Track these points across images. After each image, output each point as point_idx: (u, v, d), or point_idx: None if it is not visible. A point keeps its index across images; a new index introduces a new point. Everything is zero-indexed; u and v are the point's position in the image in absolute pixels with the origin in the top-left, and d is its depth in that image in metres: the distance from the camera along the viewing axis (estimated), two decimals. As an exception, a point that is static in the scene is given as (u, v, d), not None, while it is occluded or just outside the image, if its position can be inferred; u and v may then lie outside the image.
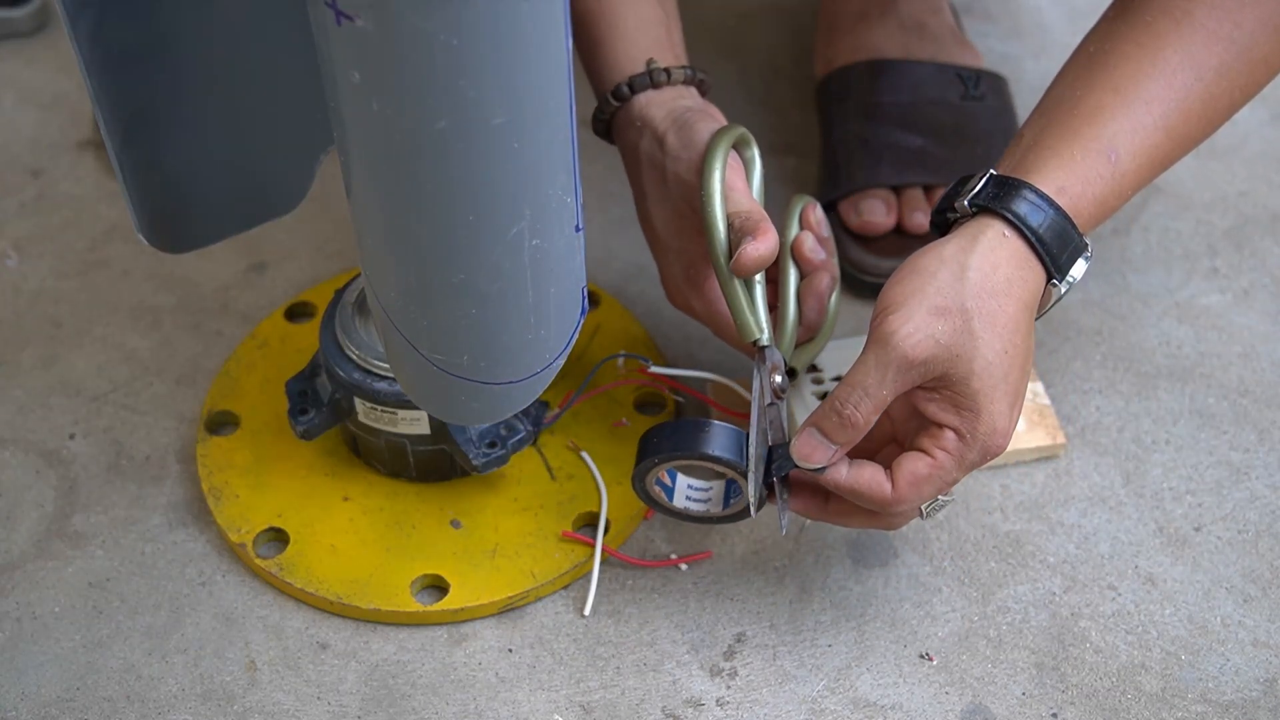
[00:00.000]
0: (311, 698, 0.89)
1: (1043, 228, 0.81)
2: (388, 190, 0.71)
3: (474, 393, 0.79)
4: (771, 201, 1.15)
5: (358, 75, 0.65)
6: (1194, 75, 0.83)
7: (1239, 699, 0.88)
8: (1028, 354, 0.81)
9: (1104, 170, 0.82)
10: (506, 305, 0.75)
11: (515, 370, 0.79)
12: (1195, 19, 0.83)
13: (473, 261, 0.72)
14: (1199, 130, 0.84)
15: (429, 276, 0.74)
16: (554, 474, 0.97)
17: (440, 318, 0.75)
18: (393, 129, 0.67)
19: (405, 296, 0.75)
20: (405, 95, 0.65)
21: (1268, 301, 1.08)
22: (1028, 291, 0.81)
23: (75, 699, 0.89)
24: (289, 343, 1.05)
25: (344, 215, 1.14)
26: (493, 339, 0.77)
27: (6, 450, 1.01)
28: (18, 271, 1.13)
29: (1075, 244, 0.82)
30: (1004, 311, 0.79)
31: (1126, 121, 0.82)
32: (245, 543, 0.94)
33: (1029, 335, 0.81)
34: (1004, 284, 0.80)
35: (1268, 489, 0.97)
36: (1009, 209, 0.81)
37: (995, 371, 0.79)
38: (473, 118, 0.66)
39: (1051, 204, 0.81)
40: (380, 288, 0.77)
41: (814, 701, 0.88)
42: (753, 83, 1.24)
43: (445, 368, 0.77)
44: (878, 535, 0.95)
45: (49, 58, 1.30)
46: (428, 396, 0.82)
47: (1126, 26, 0.84)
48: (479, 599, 0.92)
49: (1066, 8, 1.30)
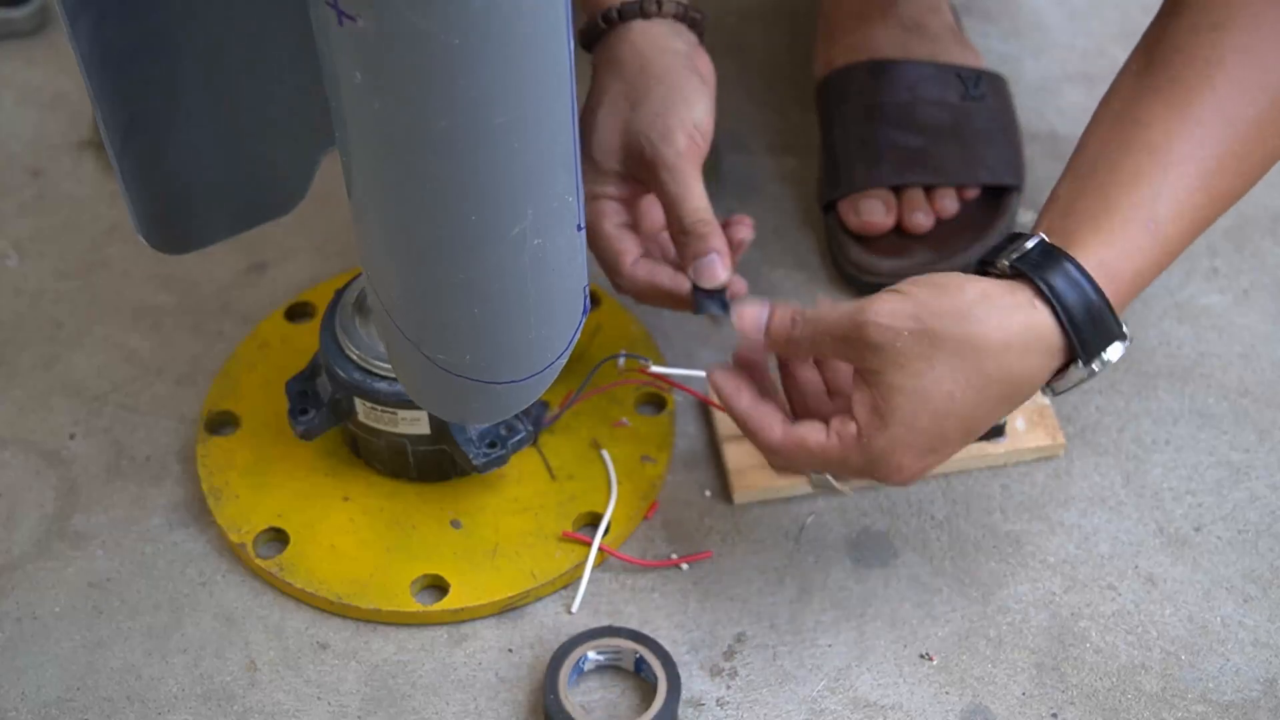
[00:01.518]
0: (311, 698, 0.89)
1: (1076, 306, 0.78)
2: (390, 190, 0.71)
3: (476, 392, 0.79)
4: (772, 201, 1.15)
5: (359, 75, 0.65)
6: (1229, 129, 0.79)
7: (1239, 699, 0.88)
8: (973, 421, 0.79)
9: (1145, 241, 0.79)
10: (509, 305, 0.75)
11: (517, 369, 0.79)
12: (1226, 68, 0.79)
13: (475, 261, 0.72)
14: (1238, 184, 0.81)
15: (431, 276, 0.74)
16: (554, 474, 0.97)
17: (442, 317, 0.75)
18: (394, 128, 0.67)
19: (407, 296, 0.75)
20: (406, 95, 0.65)
21: (1268, 301, 1.08)
22: (1029, 365, 0.78)
23: (75, 699, 0.89)
24: (289, 343, 1.05)
25: (344, 215, 1.14)
26: (495, 338, 0.77)
27: (6, 450, 1.01)
28: (18, 271, 1.13)
29: (1110, 328, 0.78)
30: (981, 368, 0.77)
31: (1165, 186, 0.79)
32: (245, 543, 0.94)
33: (990, 404, 0.78)
34: (1000, 347, 0.77)
35: (1268, 489, 0.97)
36: (1045, 279, 0.78)
37: (928, 406, 0.77)
38: (474, 118, 0.66)
39: (1091, 282, 0.78)
40: (382, 288, 0.77)
41: (814, 701, 0.88)
42: (753, 82, 1.24)
43: (447, 367, 0.77)
44: (878, 535, 0.95)
45: (49, 58, 1.30)
46: (430, 396, 0.82)
47: (1153, 80, 0.81)
48: (479, 599, 0.92)
49: (1066, 8, 1.30)
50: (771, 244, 1.11)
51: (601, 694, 0.89)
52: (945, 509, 0.97)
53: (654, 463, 0.98)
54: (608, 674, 0.89)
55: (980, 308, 0.77)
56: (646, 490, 0.97)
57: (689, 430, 1.01)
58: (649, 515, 0.97)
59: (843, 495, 0.87)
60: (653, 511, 0.97)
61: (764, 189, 1.16)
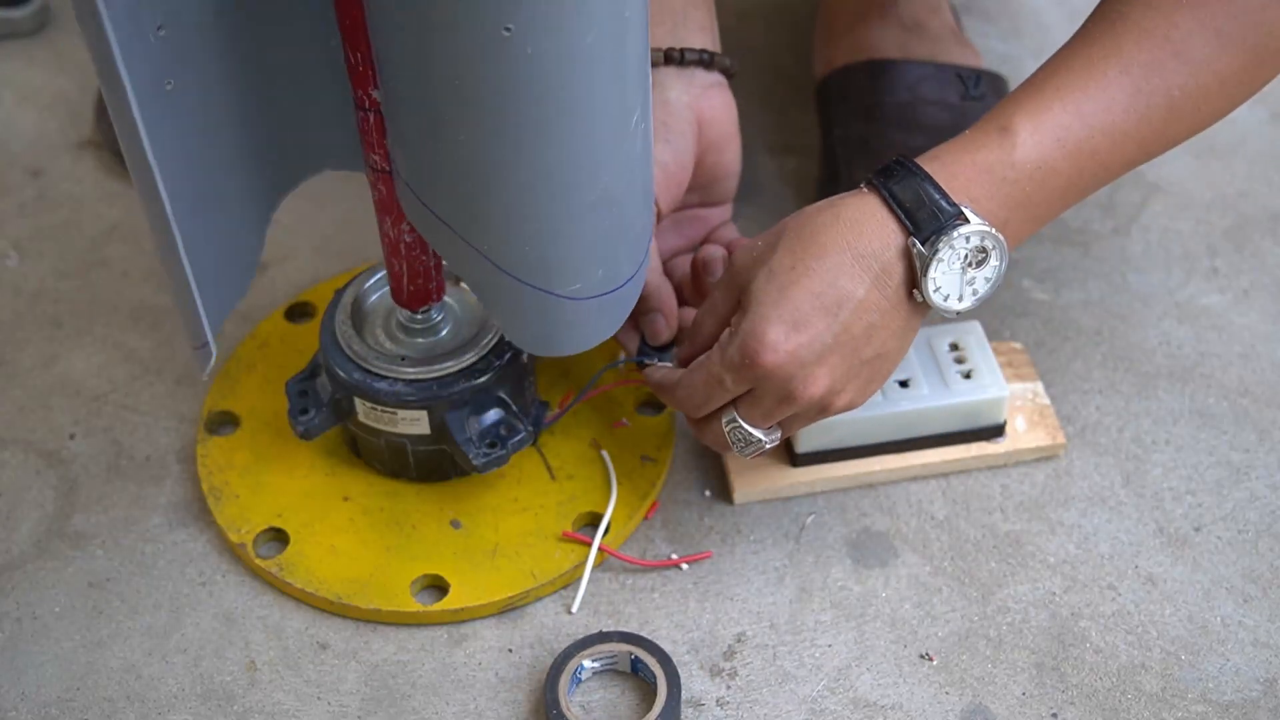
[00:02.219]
0: (311, 698, 0.89)
1: (898, 187, 0.82)
2: (535, 128, 0.73)
3: (604, 308, 0.83)
4: (772, 201, 1.15)
5: (512, 27, 0.68)
6: (1119, 68, 0.82)
7: (1239, 699, 0.88)
8: (824, 291, 0.81)
9: (989, 140, 0.82)
10: (633, 197, 0.80)
11: (635, 259, 0.83)
12: (1128, 19, 0.82)
13: (611, 167, 0.76)
14: (1133, 124, 0.83)
15: (573, 200, 0.76)
16: (554, 474, 0.97)
17: (583, 240, 0.79)
18: (547, 65, 0.70)
19: (543, 239, 0.78)
20: (561, 26, 0.69)
21: (1268, 301, 1.08)
22: (864, 238, 0.82)
23: (75, 699, 0.89)
24: (289, 343, 1.05)
25: (344, 215, 1.15)
26: (621, 238, 0.81)
27: (6, 450, 1.01)
28: (18, 271, 1.13)
29: (938, 204, 0.81)
30: (815, 240, 0.82)
31: (1028, 103, 0.83)
32: (245, 543, 0.94)
33: (834, 273, 0.81)
34: (830, 219, 0.82)
35: (1268, 489, 0.97)
36: (877, 176, 0.83)
37: (776, 280, 0.82)
38: (612, 20, 0.70)
39: (916, 167, 0.82)
40: (505, 251, 0.78)
41: (814, 701, 0.88)
42: (753, 83, 1.24)
43: (579, 295, 0.80)
44: (878, 535, 0.95)
45: (49, 58, 1.30)
46: (557, 338, 0.84)
47: (1068, 41, 0.85)
48: (479, 599, 0.92)
49: (1066, 8, 1.30)
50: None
51: (602, 694, 0.89)
52: (945, 509, 0.97)
53: (654, 463, 0.98)
54: (607, 675, 0.89)
55: (817, 205, 0.84)
56: (646, 490, 0.97)
57: (689, 430, 1.01)
58: (649, 515, 0.97)
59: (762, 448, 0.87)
60: (653, 511, 0.97)
61: (764, 189, 1.16)
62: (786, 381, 0.82)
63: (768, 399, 0.84)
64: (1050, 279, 1.09)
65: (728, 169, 0.97)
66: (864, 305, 0.82)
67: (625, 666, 0.89)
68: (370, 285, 0.96)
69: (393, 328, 0.94)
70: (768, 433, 0.86)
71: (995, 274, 0.83)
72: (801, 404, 0.83)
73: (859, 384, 0.85)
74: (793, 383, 0.82)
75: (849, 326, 0.82)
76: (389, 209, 0.85)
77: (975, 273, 0.83)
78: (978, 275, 0.83)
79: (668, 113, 0.93)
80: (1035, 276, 1.09)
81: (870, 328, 0.82)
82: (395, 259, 0.88)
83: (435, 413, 0.91)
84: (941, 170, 0.82)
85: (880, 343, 0.83)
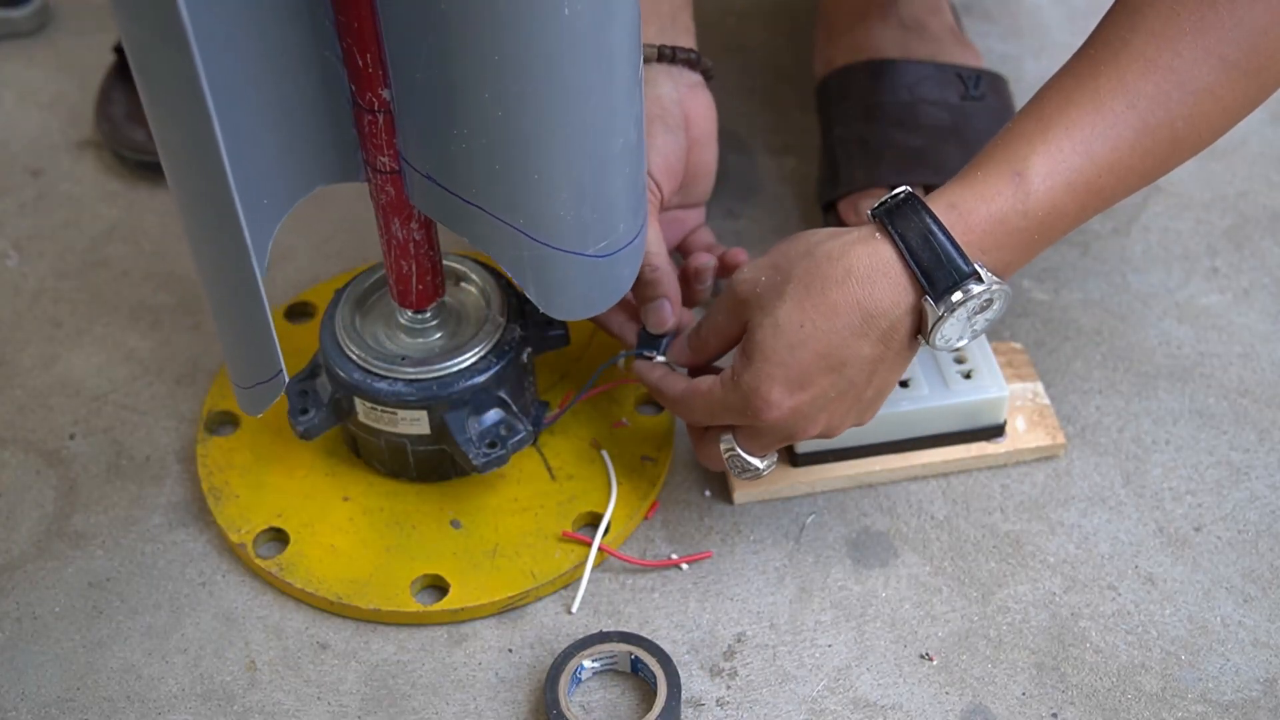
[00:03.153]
0: (311, 698, 0.89)
1: (914, 237, 0.80)
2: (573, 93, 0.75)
3: (624, 261, 0.84)
4: (772, 201, 1.15)
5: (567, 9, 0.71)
6: (1125, 102, 0.81)
7: (1239, 699, 0.88)
8: (831, 352, 0.81)
9: (1005, 188, 0.81)
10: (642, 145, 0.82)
11: (642, 211, 0.85)
12: (1132, 48, 0.81)
13: (628, 114, 0.78)
14: (1138, 160, 0.82)
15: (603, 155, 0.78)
16: (554, 474, 0.97)
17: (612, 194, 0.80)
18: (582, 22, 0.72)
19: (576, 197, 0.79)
20: None
21: (1268, 301, 1.08)
22: (875, 297, 0.81)
23: (75, 699, 0.89)
24: (289, 343, 1.04)
25: (344, 215, 1.15)
26: (635, 188, 0.82)
27: (6, 450, 1.01)
28: (18, 271, 1.13)
29: (954, 262, 0.80)
30: (826, 296, 0.81)
31: (1041, 144, 0.81)
32: (245, 543, 0.94)
33: (844, 334, 0.81)
34: (842, 275, 0.81)
35: (1268, 489, 0.97)
36: (889, 217, 0.81)
37: (783, 337, 0.82)
38: None
39: (932, 217, 0.80)
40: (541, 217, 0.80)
41: (814, 701, 0.88)
42: (753, 83, 1.24)
43: (606, 251, 0.82)
44: (878, 535, 0.95)
45: (49, 58, 1.30)
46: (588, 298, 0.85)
47: (1070, 62, 0.84)
48: (479, 599, 0.92)
49: (1066, 8, 1.30)
50: (772, 244, 1.11)
51: (602, 694, 0.89)
52: (945, 509, 0.97)
53: (654, 463, 0.98)
54: (607, 675, 0.89)
55: (825, 244, 0.83)
56: (646, 490, 0.97)
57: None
58: (649, 515, 0.97)
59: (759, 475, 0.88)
60: (653, 511, 0.97)
61: (764, 189, 1.16)
62: (789, 429, 0.85)
63: (766, 438, 0.86)
64: (1050, 279, 1.09)
65: (708, 167, 0.99)
66: (869, 360, 0.83)
67: (625, 666, 0.89)
68: (370, 285, 0.96)
69: (393, 328, 0.94)
70: (765, 460, 0.88)
71: (996, 314, 0.83)
72: (801, 438, 0.87)
73: (857, 415, 0.87)
74: (794, 429, 0.85)
75: (853, 381, 0.83)
76: (398, 210, 0.85)
77: (979, 316, 0.83)
78: (979, 318, 0.83)
79: (662, 106, 0.94)
80: (1035, 276, 1.09)
81: (872, 375, 0.84)
82: (404, 260, 0.88)
83: (435, 413, 0.92)
84: (959, 223, 0.81)
85: (880, 381, 0.85)
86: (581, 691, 0.89)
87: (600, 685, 0.89)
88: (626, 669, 0.89)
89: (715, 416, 0.87)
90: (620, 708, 0.88)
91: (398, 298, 0.92)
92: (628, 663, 0.88)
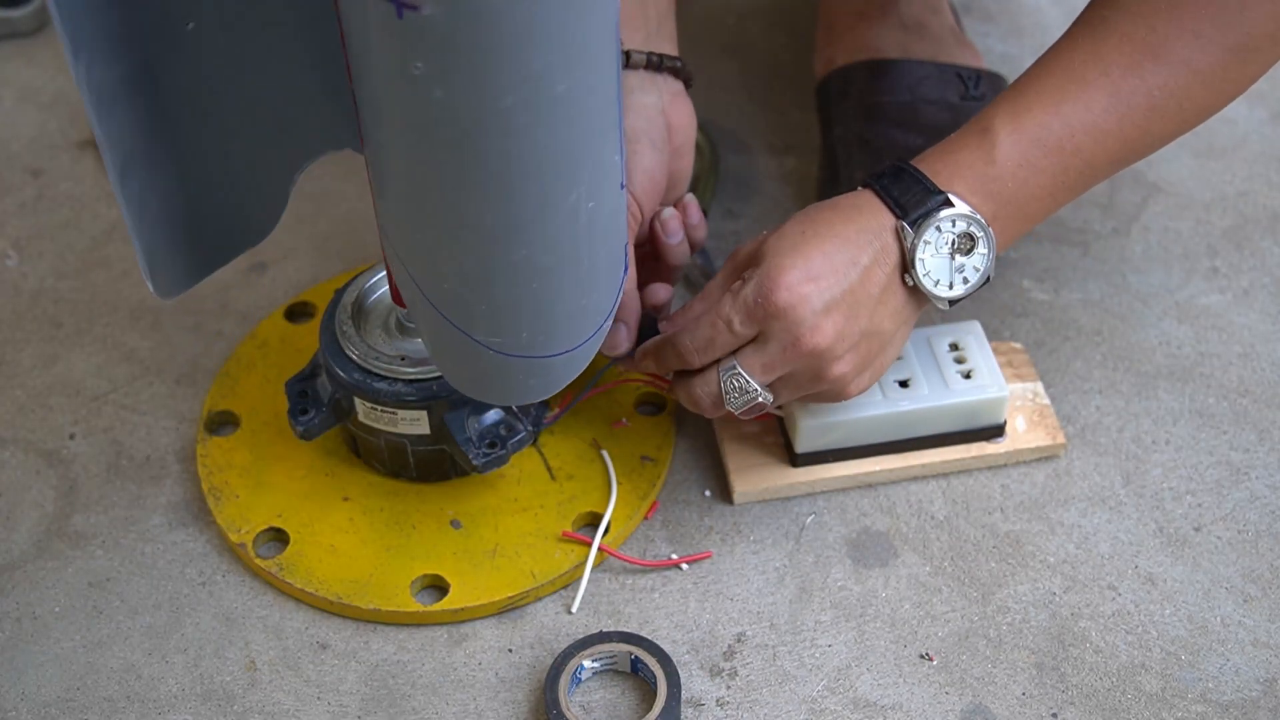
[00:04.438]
0: (311, 698, 0.89)
1: (888, 176, 0.87)
2: (446, 178, 0.71)
3: (531, 370, 0.80)
4: (772, 201, 1.15)
5: (421, 65, 0.65)
6: (1098, 70, 0.85)
7: (1239, 699, 0.88)
8: (838, 250, 0.85)
9: (970, 141, 0.86)
10: (565, 273, 0.76)
11: (571, 338, 0.80)
12: (1109, 23, 0.85)
13: (534, 235, 0.73)
14: (1114, 123, 0.85)
15: (490, 258, 0.74)
16: (554, 474, 0.97)
17: (500, 299, 0.76)
18: (458, 114, 0.67)
19: (462, 284, 0.75)
20: (473, 77, 0.66)
21: (1268, 301, 1.08)
22: (861, 219, 0.86)
23: (75, 699, 0.89)
24: (289, 343, 1.05)
25: (344, 215, 1.15)
26: (550, 310, 0.78)
27: (6, 450, 1.01)
28: (18, 271, 1.13)
29: (921, 184, 0.86)
30: (820, 218, 0.87)
31: (1009, 104, 0.86)
32: (245, 543, 0.94)
33: (849, 243, 0.86)
34: (829, 207, 0.88)
35: (1268, 489, 0.97)
36: (872, 177, 0.88)
37: (789, 239, 0.86)
38: (539, 90, 0.67)
39: (905, 164, 0.87)
40: (428, 282, 0.77)
41: (814, 701, 0.88)
42: (753, 82, 1.24)
43: (502, 349, 0.78)
44: (878, 535, 0.95)
45: (49, 58, 1.30)
46: (481, 384, 0.83)
47: (1052, 45, 0.88)
48: (479, 599, 0.92)
49: (1066, 8, 1.30)
50: (771, 244, 1.11)
51: (602, 694, 0.89)
52: (945, 509, 0.97)
53: (654, 463, 0.98)
54: (607, 675, 0.89)
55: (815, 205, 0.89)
56: (646, 490, 0.97)
57: (689, 430, 1.01)
58: (649, 515, 0.97)
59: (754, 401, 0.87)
60: (653, 511, 0.97)
61: (764, 189, 1.16)
62: (795, 325, 0.85)
63: (773, 343, 0.86)
64: (1050, 279, 1.09)
65: (684, 174, 0.98)
66: (870, 273, 0.86)
67: (625, 666, 0.89)
68: (370, 285, 0.96)
69: (393, 328, 0.94)
70: (765, 387, 0.88)
71: (985, 263, 0.87)
72: (803, 354, 0.86)
73: (856, 358, 0.87)
74: (801, 327, 0.85)
75: (856, 288, 0.86)
76: None
77: (964, 260, 0.87)
78: (966, 263, 0.87)
79: (647, 118, 0.94)
80: (1035, 276, 1.09)
81: (872, 299, 0.86)
82: (395, 259, 0.88)
83: (435, 413, 0.92)
84: (926, 166, 0.87)
85: (881, 318, 0.87)
86: (581, 691, 0.89)
87: (600, 685, 0.89)
88: (626, 669, 0.89)
89: (721, 331, 0.87)
90: (620, 708, 0.88)
91: (394, 296, 0.92)
92: (628, 663, 0.88)
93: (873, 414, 0.95)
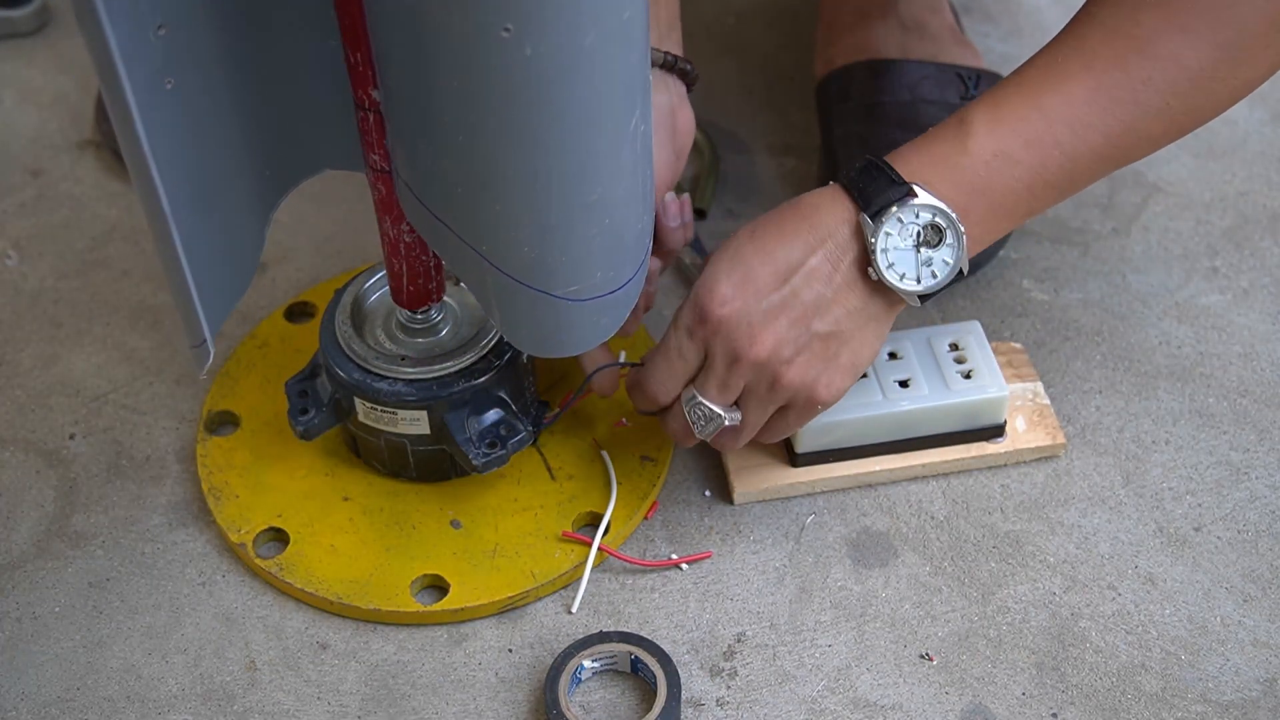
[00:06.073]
0: (311, 698, 0.89)
1: (854, 171, 0.86)
2: (528, 133, 0.73)
3: (602, 309, 0.83)
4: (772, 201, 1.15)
5: (511, 26, 0.67)
6: (1081, 63, 0.83)
7: (1239, 699, 0.88)
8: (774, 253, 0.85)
9: (946, 133, 0.85)
10: (631, 202, 0.79)
11: (634, 264, 0.83)
12: (1095, 18, 0.84)
13: (608, 168, 0.76)
14: (1096, 116, 0.84)
15: (568, 205, 0.76)
16: (554, 474, 0.97)
17: (578, 245, 0.78)
18: (545, 65, 0.69)
19: (541, 242, 0.77)
20: (561, 26, 0.68)
21: (1268, 301, 1.08)
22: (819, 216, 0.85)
23: (75, 699, 0.89)
24: (289, 343, 1.05)
25: (344, 215, 1.15)
26: (620, 243, 0.81)
27: (6, 450, 1.01)
28: (18, 271, 1.13)
29: (887, 177, 0.84)
30: (775, 219, 0.86)
31: (988, 97, 0.85)
32: (245, 543, 0.94)
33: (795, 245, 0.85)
34: (791, 206, 0.87)
35: (1268, 489, 0.97)
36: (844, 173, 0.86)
37: (730, 246, 0.86)
38: (611, 17, 0.69)
39: (872, 157, 0.85)
40: (503, 253, 0.78)
41: (814, 701, 0.88)
42: (753, 83, 1.24)
43: (579, 296, 0.80)
44: (878, 535, 0.95)
45: (49, 58, 1.30)
46: (558, 339, 0.84)
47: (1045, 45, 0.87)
48: (479, 599, 0.92)
49: (1066, 8, 1.30)
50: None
51: (602, 694, 0.89)
52: (945, 509, 0.97)
53: (654, 463, 0.98)
54: (607, 675, 0.90)
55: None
56: (646, 490, 0.97)
57: (689, 430, 1.01)
58: (649, 515, 0.97)
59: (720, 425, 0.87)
60: (653, 511, 0.97)
61: (764, 189, 1.16)
62: (733, 338, 0.84)
63: (719, 361, 0.86)
64: (1050, 279, 1.09)
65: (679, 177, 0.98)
66: (813, 273, 0.85)
67: (625, 666, 0.89)
68: (370, 285, 0.96)
69: (393, 328, 0.95)
70: (727, 409, 0.87)
71: (954, 256, 0.85)
72: (750, 365, 0.85)
73: (812, 360, 0.86)
74: (738, 338, 0.84)
75: (798, 292, 0.84)
76: (389, 209, 0.85)
77: (931, 253, 0.85)
78: (934, 256, 0.85)
79: (657, 116, 0.94)
80: (1035, 276, 1.09)
81: (821, 299, 0.85)
82: (395, 259, 0.88)
83: (435, 413, 0.92)
84: (899, 159, 0.86)
85: (834, 320, 0.85)
86: (581, 691, 0.89)
87: (600, 685, 0.89)
88: (626, 669, 0.89)
89: (675, 360, 0.87)
90: (620, 708, 0.88)
91: (394, 296, 0.92)
92: (628, 663, 0.89)
93: (873, 414, 0.95)
